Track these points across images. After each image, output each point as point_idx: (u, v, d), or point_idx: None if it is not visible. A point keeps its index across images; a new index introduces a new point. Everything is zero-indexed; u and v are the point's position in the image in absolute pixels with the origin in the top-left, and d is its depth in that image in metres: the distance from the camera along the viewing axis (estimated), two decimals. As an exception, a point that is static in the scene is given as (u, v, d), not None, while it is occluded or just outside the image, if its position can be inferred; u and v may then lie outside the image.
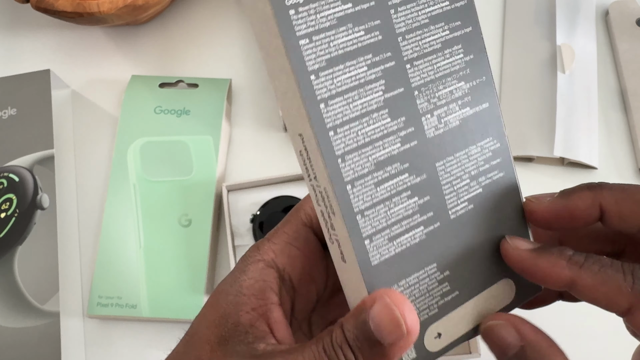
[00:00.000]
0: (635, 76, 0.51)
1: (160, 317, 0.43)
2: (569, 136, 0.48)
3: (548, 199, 0.24)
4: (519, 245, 0.23)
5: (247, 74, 0.53)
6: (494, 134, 0.24)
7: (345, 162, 0.20)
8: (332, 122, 0.20)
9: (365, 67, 0.20)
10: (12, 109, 0.47)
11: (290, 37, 0.19)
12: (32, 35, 0.55)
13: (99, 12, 0.47)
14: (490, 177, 0.24)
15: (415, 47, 0.22)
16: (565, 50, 0.51)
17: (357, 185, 0.21)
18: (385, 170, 0.21)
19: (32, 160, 0.46)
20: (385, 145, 0.21)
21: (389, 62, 0.21)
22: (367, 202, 0.21)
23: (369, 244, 0.21)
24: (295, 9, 0.19)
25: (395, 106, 0.21)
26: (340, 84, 0.20)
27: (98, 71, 0.54)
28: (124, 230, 0.45)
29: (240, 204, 0.46)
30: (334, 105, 0.20)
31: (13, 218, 0.43)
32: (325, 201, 0.21)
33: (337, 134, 0.20)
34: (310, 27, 0.19)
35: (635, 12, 0.54)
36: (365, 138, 0.21)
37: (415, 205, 0.22)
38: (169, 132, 0.48)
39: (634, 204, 0.22)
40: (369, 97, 0.21)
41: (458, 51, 0.23)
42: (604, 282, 0.20)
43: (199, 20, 0.56)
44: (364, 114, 0.21)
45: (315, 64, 0.20)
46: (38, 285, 0.42)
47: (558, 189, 0.51)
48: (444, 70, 0.22)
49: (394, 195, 0.21)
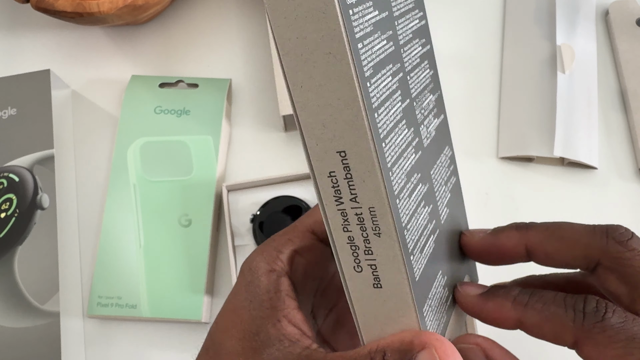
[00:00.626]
0: (635, 76, 0.51)
1: (160, 317, 0.43)
2: (569, 136, 0.48)
3: (481, 234, 0.25)
4: (468, 292, 0.23)
5: (247, 74, 0.53)
6: (449, 143, 0.26)
7: (394, 174, 0.19)
8: (383, 132, 0.19)
9: (390, 76, 0.20)
10: (12, 109, 0.47)
11: (352, 38, 0.17)
12: (32, 35, 0.55)
13: (99, 12, 0.47)
14: (452, 182, 0.25)
15: (409, 60, 0.22)
16: (565, 50, 0.51)
17: (402, 199, 0.20)
18: (411, 181, 0.21)
19: (32, 160, 0.46)
20: (409, 156, 0.21)
21: (400, 73, 0.21)
22: (407, 215, 0.20)
23: (413, 260, 0.20)
24: (353, 9, 0.18)
25: (408, 117, 0.21)
26: (381, 92, 0.19)
27: (98, 71, 0.54)
28: (124, 230, 0.45)
29: (240, 204, 0.46)
30: (381, 115, 0.19)
31: (13, 218, 0.43)
32: (365, 223, 0.19)
33: (387, 145, 0.19)
34: (362, 30, 0.18)
35: (635, 12, 0.54)
36: (398, 149, 0.20)
37: (427, 215, 0.22)
38: (169, 132, 0.48)
39: (558, 242, 0.22)
40: (396, 107, 0.20)
41: (426, 66, 0.23)
42: (548, 319, 0.21)
43: (199, 20, 0.56)
44: (395, 124, 0.20)
45: (368, 70, 0.18)
46: (38, 285, 0.42)
47: (558, 189, 0.51)
48: (423, 83, 0.23)
49: (418, 206, 0.21)
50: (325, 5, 0.17)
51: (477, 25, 0.55)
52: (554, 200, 0.48)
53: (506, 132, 0.50)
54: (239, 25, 0.55)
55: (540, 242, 0.23)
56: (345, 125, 0.18)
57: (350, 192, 0.19)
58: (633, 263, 0.21)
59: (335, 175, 0.19)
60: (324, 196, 0.20)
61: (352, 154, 0.18)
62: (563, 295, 0.21)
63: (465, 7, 0.56)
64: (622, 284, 0.21)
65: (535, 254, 0.23)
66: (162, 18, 0.56)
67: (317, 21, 0.17)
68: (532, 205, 0.48)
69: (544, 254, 0.23)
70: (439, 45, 0.54)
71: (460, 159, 0.50)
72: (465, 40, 0.54)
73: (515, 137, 0.49)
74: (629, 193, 0.48)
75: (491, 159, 0.50)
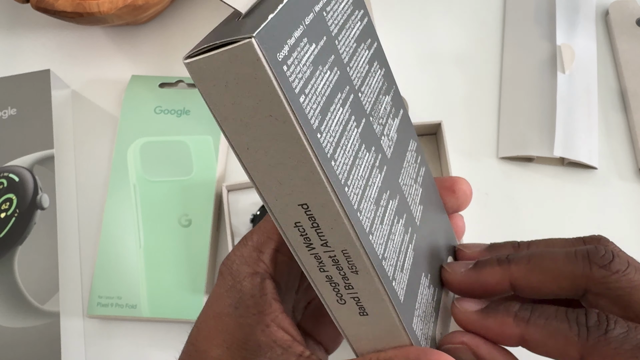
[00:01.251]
0: (635, 76, 0.51)
1: (160, 317, 0.43)
2: (569, 136, 0.48)
3: (462, 270, 0.24)
4: (467, 308, 0.23)
5: (247, 74, 0.53)
6: (413, 136, 0.25)
7: (362, 213, 0.19)
8: (342, 177, 0.18)
9: (340, 107, 0.18)
10: (12, 109, 0.47)
11: (292, 96, 0.16)
12: (32, 35, 0.55)
13: (99, 12, 0.47)
14: (421, 174, 0.25)
15: (357, 74, 0.20)
16: (565, 50, 0.51)
17: (374, 232, 0.19)
18: (381, 206, 0.20)
19: (32, 160, 0.45)
20: (374, 181, 0.20)
21: (351, 95, 0.19)
22: (382, 244, 0.20)
23: (395, 284, 0.20)
24: (287, 63, 0.16)
25: (367, 139, 0.20)
26: (333, 135, 0.18)
27: (98, 71, 0.54)
28: (124, 230, 0.45)
29: (240, 204, 0.46)
30: (338, 159, 0.18)
31: (13, 218, 0.43)
32: (340, 264, 0.19)
33: (349, 187, 0.18)
34: (301, 80, 0.16)
35: (635, 12, 0.54)
36: (362, 181, 0.19)
37: (402, 228, 0.22)
38: (169, 132, 0.48)
39: (542, 275, 0.22)
40: (352, 137, 0.19)
41: (377, 68, 0.22)
42: (551, 335, 0.20)
43: (199, 20, 0.56)
44: (354, 156, 0.19)
45: (315, 121, 0.17)
46: (38, 285, 0.42)
47: (558, 189, 0.51)
48: (376, 89, 0.22)
49: (392, 226, 0.21)
50: (254, 70, 0.15)
51: (477, 25, 0.55)
52: (554, 200, 0.48)
53: (506, 132, 0.50)
54: (239, 25, 0.55)
55: (524, 277, 0.22)
56: (302, 181, 0.17)
57: (320, 239, 0.19)
58: (620, 285, 0.20)
59: (302, 225, 0.18)
60: (294, 244, 0.19)
61: (314, 206, 0.18)
62: (564, 309, 0.21)
63: (465, 7, 0.56)
64: (614, 306, 0.21)
65: (520, 288, 0.22)
66: (162, 18, 0.56)
67: (250, 86, 0.16)
68: (532, 205, 0.48)
69: (529, 289, 0.22)
70: (439, 45, 0.54)
71: (460, 159, 0.50)
72: (465, 40, 0.54)
73: (515, 137, 0.49)
74: (629, 193, 0.48)
75: (491, 159, 0.50)
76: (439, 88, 0.52)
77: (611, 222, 0.47)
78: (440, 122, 0.46)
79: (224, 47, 0.15)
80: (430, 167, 0.48)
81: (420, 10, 0.56)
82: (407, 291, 0.21)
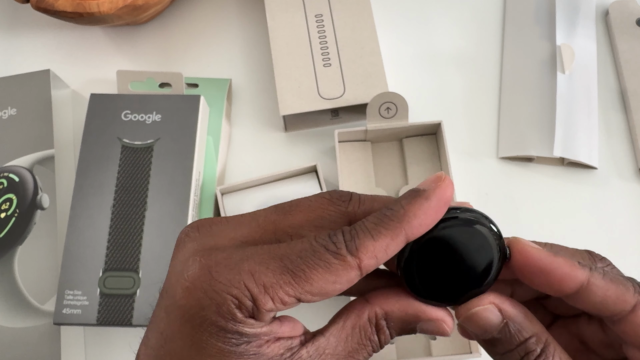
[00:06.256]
0: (635, 76, 0.51)
1: (160, 317, 0.43)
2: (569, 136, 0.48)
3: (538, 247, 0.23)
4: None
5: (247, 74, 0.53)
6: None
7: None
8: None
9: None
10: (12, 109, 0.47)
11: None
12: (32, 35, 0.55)
13: (99, 12, 0.47)
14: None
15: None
16: (565, 50, 0.51)
17: None
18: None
19: (32, 160, 0.46)
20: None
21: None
22: None
23: None
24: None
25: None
26: None
27: (98, 71, 0.54)
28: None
29: (241, 205, 0.46)
30: None
31: (13, 218, 0.43)
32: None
33: None
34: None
35: (635, 12, 0.54)
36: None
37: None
38: (169, 132, 0.48)
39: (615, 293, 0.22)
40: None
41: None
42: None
43: (199, 20, 0.56)
44: None
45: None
46: (38, 285, 0.42)
47: (558, 189, 0.50)
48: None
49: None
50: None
51: (477, 25, 0.55)
52: (554, 200, 0.48)
53: (506, 132, 0.50)
54: (239, 25, 0.55)
55: (603, 287, 0.22)
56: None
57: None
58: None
59: None
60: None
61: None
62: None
63: (465, 7, 0.56)
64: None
65: (586, 296, 0.22)
66: (162, 18, 0.56)
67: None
68: (532, 205, 0.48)
69: (599, 301, 0.22)
70: (439, 45, 0.54)
71: (460, 159, 0.50)
72: (465, 41, 0.54)
73: (515, 137, 0.49)
74: (629, 193, 0.48)
75: (491, 159, 0.50)
76: (439, 88, 0.52)
77: (611, 222, 0.47)
78: (440, 122, 0.46)
79: None
80: (430, 167, 0.48)
81: (420, 10, 0.56)
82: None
